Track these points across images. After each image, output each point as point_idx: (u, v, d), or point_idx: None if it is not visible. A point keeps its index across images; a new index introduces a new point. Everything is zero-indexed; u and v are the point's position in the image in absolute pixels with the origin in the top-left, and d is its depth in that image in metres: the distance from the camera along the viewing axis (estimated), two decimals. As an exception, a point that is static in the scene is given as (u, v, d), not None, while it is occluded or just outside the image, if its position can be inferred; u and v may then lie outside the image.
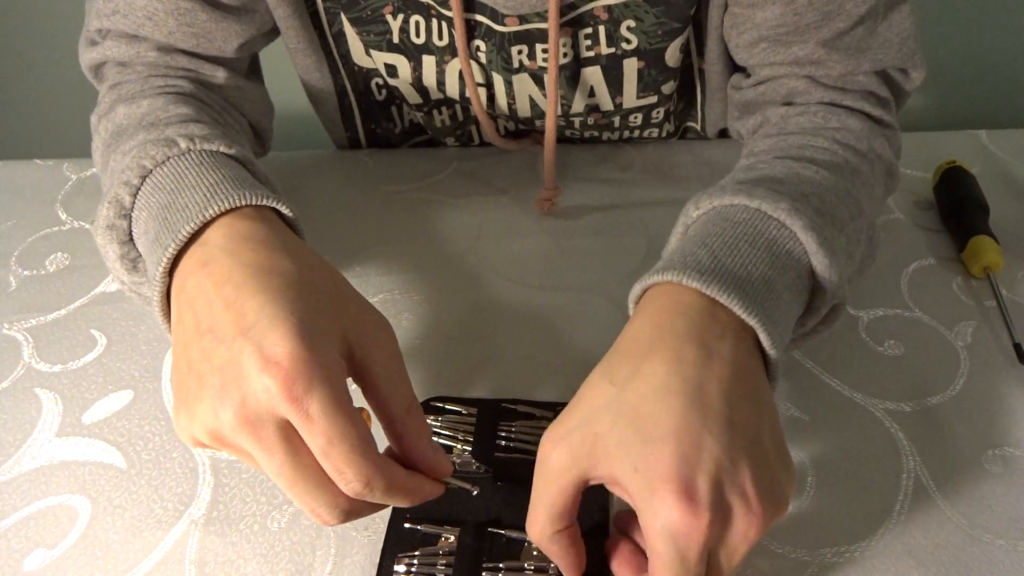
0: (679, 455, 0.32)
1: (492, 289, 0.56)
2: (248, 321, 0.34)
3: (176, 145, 0.43)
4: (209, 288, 0.36)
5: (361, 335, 0.37)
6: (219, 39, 0.56)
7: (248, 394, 0.33)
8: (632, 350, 0.36)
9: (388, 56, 0.61)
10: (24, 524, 0.43)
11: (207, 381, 0.34)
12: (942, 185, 0.63)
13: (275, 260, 0.37)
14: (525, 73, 0.60)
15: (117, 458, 0.46)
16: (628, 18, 0.56)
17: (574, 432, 0.35)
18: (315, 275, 0.38)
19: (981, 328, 0.53)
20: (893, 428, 0.46)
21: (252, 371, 0.33)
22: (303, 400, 0.33)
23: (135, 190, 0.43)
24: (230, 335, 0.34)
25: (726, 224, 0.40)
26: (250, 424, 0.33)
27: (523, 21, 0.56)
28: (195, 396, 0.35)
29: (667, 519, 0.32)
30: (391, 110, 0.71)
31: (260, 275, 0.36)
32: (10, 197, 0.67)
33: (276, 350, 0.33)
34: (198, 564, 0.41)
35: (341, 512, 0.35)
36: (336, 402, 0.33)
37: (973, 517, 0.42)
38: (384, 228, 0.62)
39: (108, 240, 0.44)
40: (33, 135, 1.39)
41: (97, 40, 0.56)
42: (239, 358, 0.33)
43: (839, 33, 0.51)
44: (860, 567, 0.40)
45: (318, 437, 0.33)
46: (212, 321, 0.35)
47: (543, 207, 0.62)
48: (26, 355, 0.53)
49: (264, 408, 0.33)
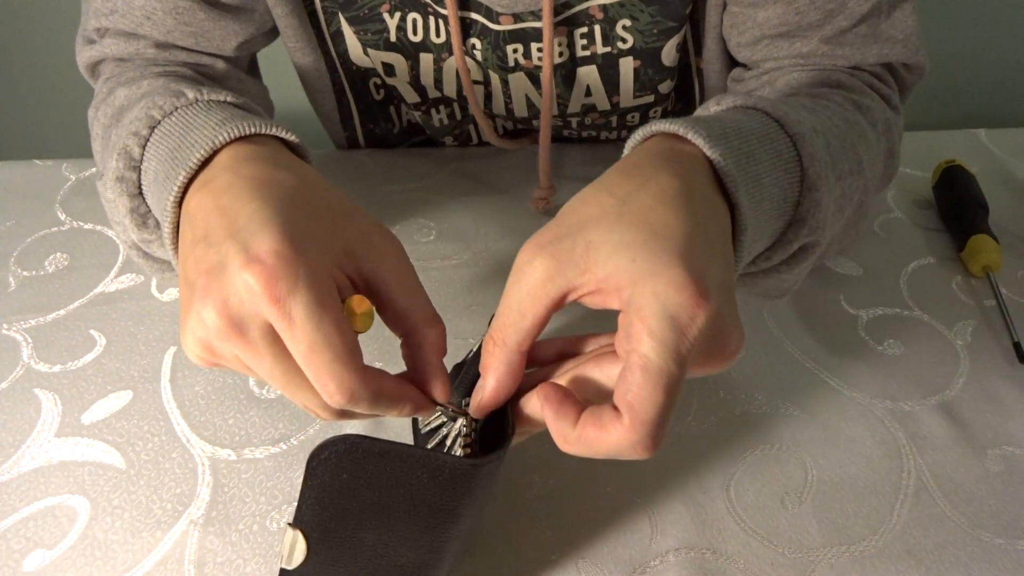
0: (689, 250, 0.30)
1: (491, 289, 0.56)
2: (239, 224, 0.33)
3: (184, 96, 0.43)
4: (207, 201, 0.35)
5: (369, 248, 0.36)
6: (217, 38, 0.56)
7: (230, 294, 0.31)
8: (635, 170, 0.34)
9: (385, 55, 0.61)
10: (23, 524, 0.43)
11: (196, 286, 0.33)
12: (942, 184, 0.63)
13: (276, 174, 0.36)
14: (521, 72, 0.60)
15: (116, 458, 0.46)
16: (624, 17, 0.56)
17: (563, 239, 0.32)
18: (318, 190, 0.37)
19: (981, 327, 0.52)
20: (893, 428, 0.46)
21: (234, 269, 0.31)
22: (285, 300, 0.31)
23: (144, 140, 0.42)
24: (220, 238, 0.33)
25: (743, 118, 0.39)
26: (234, 326, 0.31)
27: (518, 20, 0.56)
28: (186, 306, 0.33)
29: (671, 298, 0.29)
30: (389, 110, 0.71)
31: (258, 185, 0.35)
32: (9, 197, 0.67)
33: (261, 248, 0.32)
34: (197, 564, 0.41)
35: (332, 413, 0.34)
36: (321, 306, 0.32)
37: (973, 517, 0.42)
38: (383, 228, 0.62)
39: (118, 193, 0.43)
40: (33, 135, 1.39)
41: (95, 39, 0.56)
42: (225, 260, 0.32)
43: (842, 31, 0.51)
44: (860, 567, 0.40)
45: (299, 343, 0.31)
46: (206, 229, 0.34)
47: (538, 206, 0.62)
48: (25, 355, 0.53)
49: (246, 308, 0.31)
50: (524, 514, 0.43)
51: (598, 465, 0.44)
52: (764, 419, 0.47)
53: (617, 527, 0.42)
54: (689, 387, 0.49)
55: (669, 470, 0.44)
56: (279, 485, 0.45)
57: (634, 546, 0.41)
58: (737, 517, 0.42)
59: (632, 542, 0.41)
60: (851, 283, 0.56)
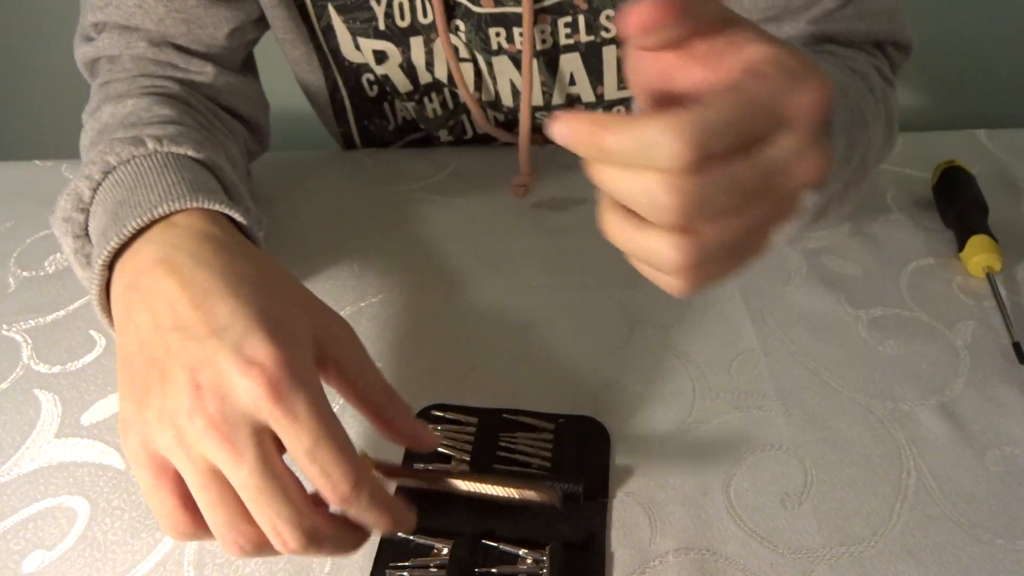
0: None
1: (491, 289, 0.56)
2: (220, 322, 0.33)
3: (143, 145, 0.43)
4: (170, 287, 0.35)
5: (331, 335, 0.36)
6: (209, 25, 0.56)
7: (227, 395, 0.31)
8: None
9: (376, 43, 0.62)
10: (23, 525, 0.43)
11: (175, 378, 0.32)
12: (941, 185, 0.63)
13: (238, 264, 0.36)
14: (504, 56, 0.60)
15: (115, 459, 0.46)
16: (608, 7, 0.56)
17: None
18: (279, 279, 0.37)
19: (980, 328, 0.52)
20: (893, 428, 0.46)
21: (232, 373, 0.31)
22: (289, 399, 0.31)
23: (96, 185, 0.42)
24: (202, 334, 0.33)
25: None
26: (223, 430, 0.31)
27: (498, 3, 0.57)
28: (159, 392, 0.33)
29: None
30: (383, 107, 0.72)
31: (227, 277, 0.35)
32: (9, 198, 0.67)
33: (257, 352, 0.32)
34: (196, 565, 0.41)
35: (303, 532, 0.32)
36: (323, 402, 0.32)
37: (972, 517, 0.42)
38: (383, 229, 0.62)
39: (63, 233, 0.43)
40: (32, 136, 1.39)
41: (92, 36, 0.57)
42: (214, 359, 0.32)
43: (828, 12, 0.52)
44: (860, 567, 0.40)
45: (304, 438, 0.31)
46: (176, 320, 0.34)
47: (517, 192, 0.63)
48: (25, 356, 0.53)
49: (243, 411, 0.31)
50: (524, 515, 0.43)
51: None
52: (764, 419, 0.47)
53: (617, 527, 0.42)
54: (688, 388, 0.49)
55: (669, 470, 0.44)
56: (279, 486, 0.45)
57: (634, 546, 0.41)
58: (737, 518, 0.42)
59: (632, 542, 0.41)
60: (851, 283, 0.56)
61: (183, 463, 0.32)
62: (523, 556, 0.40)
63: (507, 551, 0.40)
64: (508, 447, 0.45)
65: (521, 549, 0.40)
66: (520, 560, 0.40)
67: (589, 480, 0.43)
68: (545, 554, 0.39)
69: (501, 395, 0.49)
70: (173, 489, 0.33)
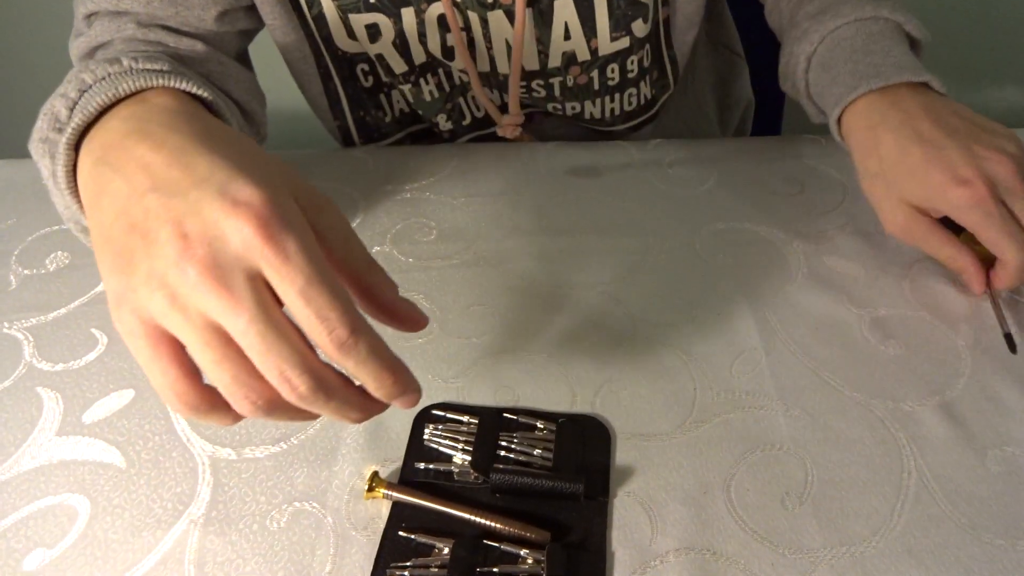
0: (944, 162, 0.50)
1: (491, 289, 0.56)
2: (201, 174, 0.31)
3: (119, 63, 0.42)
4: (142, 152, 0.33)
5: (309, 198, 0.34)
6: (197, 6, 0.56)
7: (216, 239, 0.30)
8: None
9: (367, 16, 0.61)
10: (23, 524, 0.43)
11: (159, 235, 0.31)
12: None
13: (213, 130, 0.35)
14: (500, 11, 0.60)
15: (116, 457, 0.46)
16: None
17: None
18: (252, 146, 0.36)
19: (982, 327, 0.52)
20: (893, 428, 0.46)
21: (219, 216, 0.30)
22: (280, 238, 0.30)
23: (72, 104, 0.41)
24: (183, 188, 0.31)
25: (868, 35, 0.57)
26: (217, 276, 0.30)
27: None
28: (145, 254, 0.31)
29: (957, 198, 0.48)
30: (379, 97, 0.71)
31: (202, 138, 0.34)
32: (10, 196, 0.67)
33: (242, 193, 0.30)
34: (197, 564, 0.41)
35: (311, 375, 0.31)
36: (313, 244, 0.31)
37: (973, 517, 0.42)
38: (383, 227, 0.62)
39: (40, 154, 0.42)
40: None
41: (84, 30, 0.57)
42: (199, 207, 0.30)
43: None
44: (860, 567, 0.40)
45: (298, 277, 0.30)
46: (153, 181, 0.32)
47: (506, 132, 0.63)
48: (27, 354, 0.53)
49: (234, 255, 0.30)
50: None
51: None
52: (764, 419, 0.47)
53: (618, 527, 0.42)
54: (689, 387, 0.49)
55: (669, 470, 0.44)
56: (279, 484, 0.45)
57: (634, 546, 0.41)
58: (737, 517, 0.42)
59: (633, 542, 0.41)
60: (853, 283, 0.56)
61: (180, 324, 0.31)
62: (524, 556, 0.40)
63: (508, 551, 0.40)
64: (509, 446, 0.45)
65: (522, 549, 0.40)
66: (521, 560, 0.40)
67: (590, 479, 0.43)
68: (545, 554, 0.40)
69: (501, 393, 0.49)
70: (173, 358, 0.32)
